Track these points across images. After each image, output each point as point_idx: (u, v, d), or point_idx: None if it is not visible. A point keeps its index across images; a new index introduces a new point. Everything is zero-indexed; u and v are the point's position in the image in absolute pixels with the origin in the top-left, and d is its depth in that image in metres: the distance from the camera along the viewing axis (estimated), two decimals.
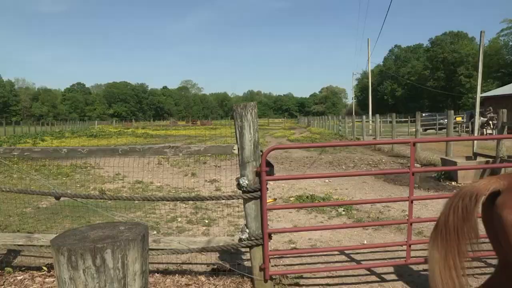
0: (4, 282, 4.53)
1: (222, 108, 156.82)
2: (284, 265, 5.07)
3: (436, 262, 2.66)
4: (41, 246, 4.47)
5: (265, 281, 4.15)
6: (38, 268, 4.86)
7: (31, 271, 4.83)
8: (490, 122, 24.01)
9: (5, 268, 4.84)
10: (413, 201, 4.47)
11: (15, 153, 4.65)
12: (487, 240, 2.85)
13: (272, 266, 4.70)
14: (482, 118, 23.94)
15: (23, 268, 4.88)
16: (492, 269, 4.69)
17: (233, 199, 4.48)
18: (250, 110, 3.98)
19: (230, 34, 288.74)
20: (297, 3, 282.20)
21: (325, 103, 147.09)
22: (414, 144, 4.34)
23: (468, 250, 2.66)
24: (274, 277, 4.40)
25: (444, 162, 11.43)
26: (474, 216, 2.62)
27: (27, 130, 49.01)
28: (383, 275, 4.67)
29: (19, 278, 4.63)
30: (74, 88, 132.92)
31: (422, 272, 4.74)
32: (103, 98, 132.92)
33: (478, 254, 2.79)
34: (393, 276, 4.64)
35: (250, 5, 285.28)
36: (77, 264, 1.30)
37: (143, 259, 1.45)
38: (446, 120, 15.09)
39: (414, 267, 4.84)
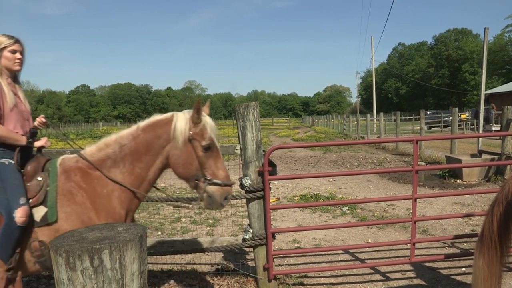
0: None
1: (226, 108, 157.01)
2: (288, 264, 5.07)
3: (480, 270, 2.67)
4: None
5: (269, 280, 4.15)
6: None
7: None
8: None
9: None
10: (417, 199, 4.46)
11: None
12: None
13: (276, 265, 4.70)
14: None
15: None
16: None
17: (237, 199, 4.48)
18: (252, 110, 3.99)
19: (233, 34, 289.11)
20: (300, 2, 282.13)
21: (330, 102, 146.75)
22: (417, 142, 4.33)
23: (507, 258, 2.68)
24: (278, 276, 4.40)
25: (449, 160, 11.37)
26: None
27: None
28: (387, 274, 4.66)
29: (24, 279, 4.65)
30: (78, 90, 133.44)
31: (426, 270, 4.73)
32: (108, 99, 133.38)
33: None
34: (397, 275, 4.63)
35: (253, 5, 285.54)
36: (75, 265, 1.32)
37: (141, 260, 1.46)
38: (451, 118, 15.03)
39: (419, 266, 4.83)
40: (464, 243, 5.64)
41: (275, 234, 4.47)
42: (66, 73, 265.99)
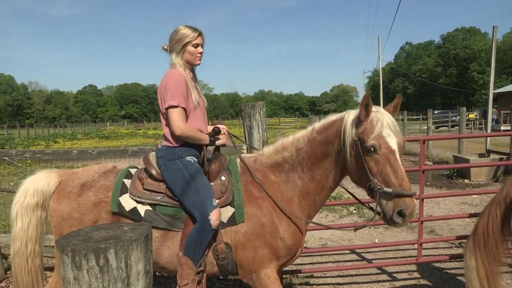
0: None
1: (233, 108, 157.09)
2: (294, 264, 5.06)
3: (473, 270, 2.58)
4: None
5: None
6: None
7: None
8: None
9: None
10: (424, 199, 4.44)
11: (27, 155, 4.74)
12: None
13: None
14: None
15: None
16: None
17: None
18: (259, 110, 3.99)
19: (240, 34, 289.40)
20: (307, 2, 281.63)
21: (336, 102, 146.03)
22: (424, 141, 4.32)
23: (504, 257, 2.62)
24: (284, 276, 4.39)
25: (457, 159, 11.29)
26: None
27: (40, 133, 49.60)
28: (394, 274, 4.64)
29: None
30: (86, 90, 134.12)
31: (433, 271, 4.70)
32: (115, 99, 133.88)
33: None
34: (404, 275, 4.61)
35: (260, 5, 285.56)
36: (81, 264, 1.33)
37: (147, 259, 1.47)
38: (458, 117, 14.92)
39: (426, 266, 4.80)
40: None
41: None
42: (73, 73, 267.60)
